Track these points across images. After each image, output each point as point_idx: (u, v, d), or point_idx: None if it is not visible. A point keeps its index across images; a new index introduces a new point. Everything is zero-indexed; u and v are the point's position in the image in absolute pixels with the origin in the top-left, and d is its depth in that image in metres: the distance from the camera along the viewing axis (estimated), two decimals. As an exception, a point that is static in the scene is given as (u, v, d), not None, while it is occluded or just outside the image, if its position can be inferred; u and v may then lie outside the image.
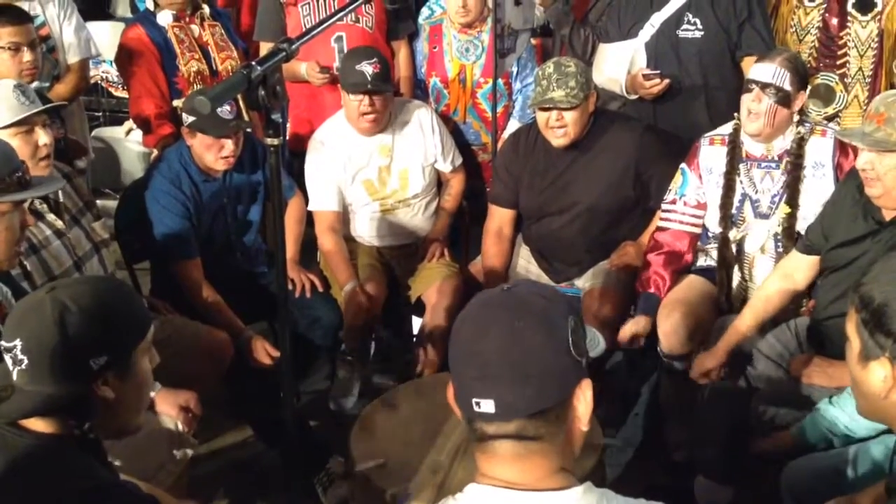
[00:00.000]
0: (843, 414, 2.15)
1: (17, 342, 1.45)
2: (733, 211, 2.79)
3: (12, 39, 3.01)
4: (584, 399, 1.18)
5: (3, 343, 1.48)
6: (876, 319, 1.39)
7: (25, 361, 1.45)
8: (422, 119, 3.32)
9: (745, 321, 2.58)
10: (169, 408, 2.26)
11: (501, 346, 1.14)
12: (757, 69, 2.65)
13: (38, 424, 1.47)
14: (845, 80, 3.20)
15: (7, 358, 1.47)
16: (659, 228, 2.95)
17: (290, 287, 3.05)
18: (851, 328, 1.45)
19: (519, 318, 1.16)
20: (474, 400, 1.14)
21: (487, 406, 1.13)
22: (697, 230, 2.92)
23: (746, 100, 2.67)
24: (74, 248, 2.51)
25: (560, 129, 2.95)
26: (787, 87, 2.61)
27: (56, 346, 1.45)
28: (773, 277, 2.64)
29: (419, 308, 3.28)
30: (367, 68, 3.05)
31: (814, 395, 2.34)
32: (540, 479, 1.16)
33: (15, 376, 1.47)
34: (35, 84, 3.02)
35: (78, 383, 1.46)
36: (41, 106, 2.45)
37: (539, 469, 1.16)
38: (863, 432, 2.11)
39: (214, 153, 2.89)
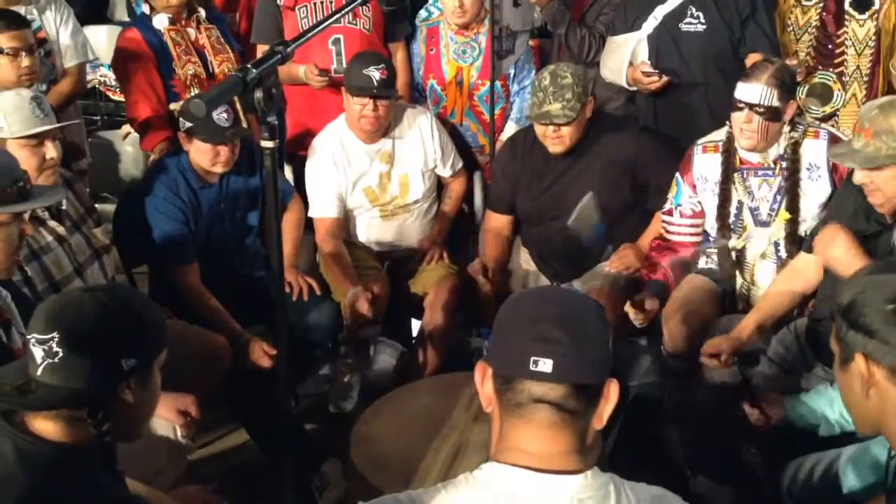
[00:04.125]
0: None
1: (55, 334, 1.46)
2: (731, 219, 2.80)
3: (11, 45, 3.01)
4: (610, 396, 1.27)
5: (35, 335, 1.48)
6: (849, 320, 1.41)
7: (60, 354, 1.45)
8: (422, 125, 3.32)
9: (759, 315, 2.59)
10: (167, 412, 2.25)
11: (564, 317, 1.24)
12: (744, 89, 2.63)
13: (51, 431, 1.48)
14: (843, 78, 3.20)
15: (38, 350, 1.47)
16: (660, 237, 2.97)
17: (287, 290, 3.05)
18: (833, 339, 1.47)
19: (577, 303, 1.30)
20: (532, 359, 1.21)
21: (545, 366, 1.20)
22: (698, 238, 2.93)
23: (737, 119, 2.66)
24: (75, 255, 2.52)
25: (556, 139, 2.96)
26: (776, 103, 2.61)
27: (94, 340, 1.47)
28: (784, 276, 2.65)
29: (418, 311, 3.28)
30: (375, 73, 3.06)
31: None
32: (562, 453, 1.23)
33: (41, 371, 1.47)
34: (32, 88, 3.02)
35: (106, 382, 1.48)
36: (55, 121, 2.48)
37: (564, 442, 1.24)
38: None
39: (210, 158, 2.89)
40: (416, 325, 3.41)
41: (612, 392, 1.26)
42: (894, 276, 1.43)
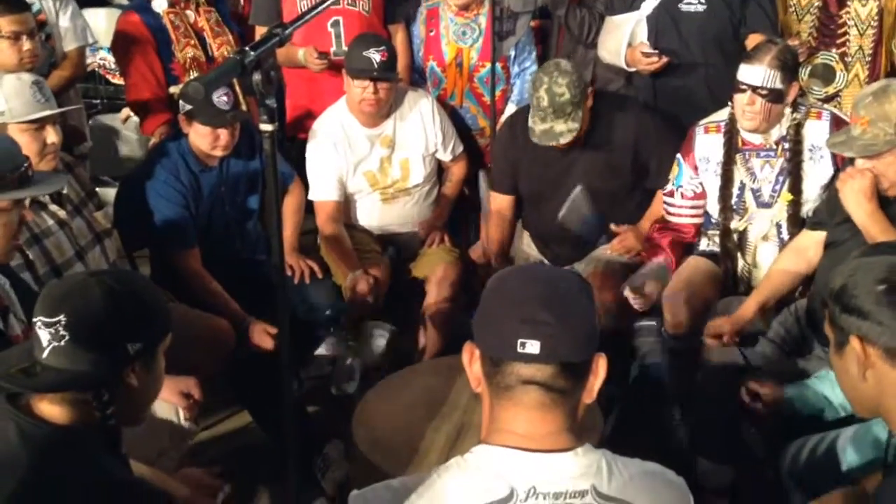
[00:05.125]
0: None
1: (62, 317, 1.47)
2: (734, 200, 2.80)
3: (12, 28, 3.00)
4: (598, 370, 1.28)
5: (41, 318, 1.48)
6: (841, 303, 1.42)
7: (67, 337, 1.46)
8: (423, 108, 3.31)
9: (761, 295, 2.59)
10: (170, 394, 2.25)
11: (550, 297, 1.24)
12: (746, 71, 2.62)
13: (56, 414, 1.49)
14: (845, 59, 3.18)
15: (45, 333, 1.47)
16: (661, 219, 2.96)
17: (289, 273, 3.05)
18: (827, 325, 1.48)
19: (561, 280, 1.30)
20: (520, 341, 1.21)
21: (533, 347, 1.20)
22: (699, 220, 2.93)
23: (740, 101, 2.66)
24: (76, 238, 2.52)
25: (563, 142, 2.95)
26: (779, 85, 2.60)
27: (101, 323, 1.48)
28: (786, 255, 2.66)
29: (419, 294, 3.29)
30: (375, 55, 3.05)
31: (813, 373, 2.34)
32: (552, 433, 1.25)
33: (46, 353, 1.47)
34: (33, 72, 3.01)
35: (111, 365, 1.49)
36: (55, 106, 2.47)
37: (554, 422, 1.25)
38: None
39: (210, 141, 2.89)
40: (417, 308, 3.41)
41: (601, 366, 1.27)
42: (883, 257, 1.44)
